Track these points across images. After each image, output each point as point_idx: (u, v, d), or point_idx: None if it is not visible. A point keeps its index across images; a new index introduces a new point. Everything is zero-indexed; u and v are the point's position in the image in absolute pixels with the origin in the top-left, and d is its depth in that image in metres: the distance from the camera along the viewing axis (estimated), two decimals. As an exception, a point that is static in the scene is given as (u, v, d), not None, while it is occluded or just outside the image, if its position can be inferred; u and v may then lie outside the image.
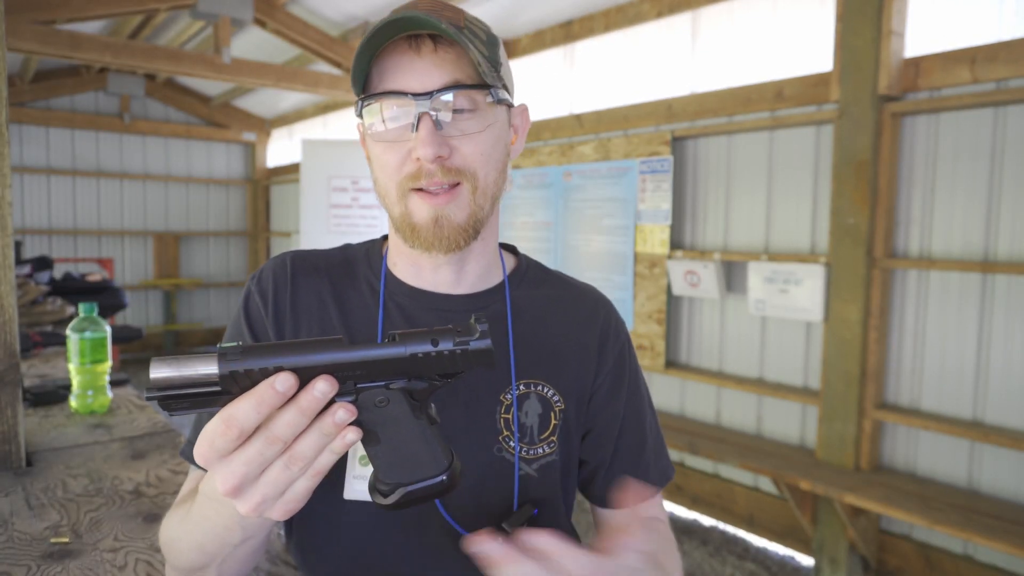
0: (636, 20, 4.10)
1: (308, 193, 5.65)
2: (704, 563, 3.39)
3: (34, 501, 1.12)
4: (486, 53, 0.78)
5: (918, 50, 3.00)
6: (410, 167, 0.78)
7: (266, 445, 0.52)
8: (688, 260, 3.76)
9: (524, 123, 0.89)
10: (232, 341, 0.86)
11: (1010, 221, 2.75)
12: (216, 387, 0.51)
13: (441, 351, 0.55)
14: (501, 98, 0.80)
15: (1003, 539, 2.43)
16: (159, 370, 0.50)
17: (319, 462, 0.54)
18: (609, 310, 0.96)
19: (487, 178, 0.80)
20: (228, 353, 0.50)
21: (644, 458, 0.93)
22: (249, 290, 0.88)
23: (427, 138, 0.75)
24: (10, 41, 4.26)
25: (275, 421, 0.51)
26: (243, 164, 8.93)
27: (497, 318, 0.88)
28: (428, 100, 0.75)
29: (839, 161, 3.08)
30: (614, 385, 0.92)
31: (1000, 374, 2.79)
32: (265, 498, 0.54)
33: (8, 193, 1.20)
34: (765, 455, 3.30)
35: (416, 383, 0.56)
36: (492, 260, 0.91)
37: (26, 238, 7.43)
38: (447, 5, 0.79)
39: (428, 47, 0.76)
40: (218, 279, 8.81)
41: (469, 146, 0.78)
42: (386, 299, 0.88)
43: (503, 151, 0.83)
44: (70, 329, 1.57)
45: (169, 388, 0.50)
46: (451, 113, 0.77)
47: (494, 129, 0.80)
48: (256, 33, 5.94)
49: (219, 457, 0.53)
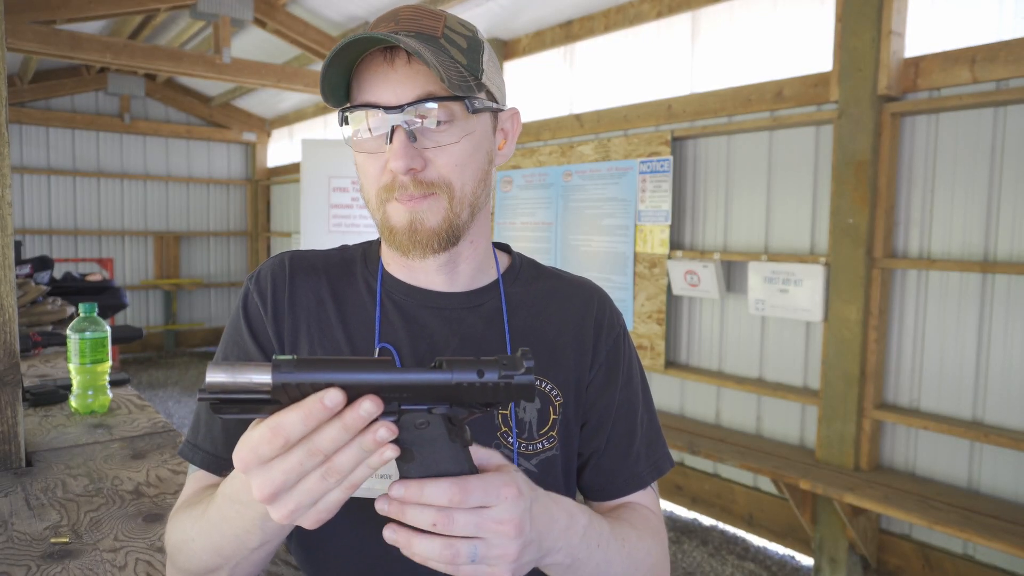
0: (636, 20, 4.11)
1: (308, 193, 5.65)
2: (704, 563, 3.39)
3: (34, 501, 1.12)
4: (464, 61, 0.78)
5: (918, 50, 3.00)
6: (386, 178, 0.79)
7: (307, 456, 0.53)
8: (688, 260, 3.76)
9: (515, 127, 0.89)
10: (231, 340, 0.88)
11: (1010, 221, 2.75)
12: (266, 395, 0.52)
13: (486, 382, 0.57)
14: (479, 107, 0.79)
15: (1003, 539, 2.43)
16: (215, 375, 0.52)
17: (354, 475, 0.55)
18: (603, 301, 0.96)
19: (463, 188, 0.80)
20: (282, 365, 0.52)
21: (634, 449, 0.93)
22: (247, 290, 0.88)
23: (399, 151, 0.75)
24: (10, 41, 4.26)
25: (319, 434, 0.53)
26: (243, 164, 8.93)
27: (493, 314, 0.89)
28: (400, 112, 0.76)
29: (839, 161, 3.08)
30: (608, 376, 0.93)
31: (1000, 374, 2.79)
32: (299, 506, 0.55)
33: (8, 193, 1.20)
34: (765, 455, 3.31)
35: (458, 410, 0.58)
36: (484, 260, 0.91)
37: (26, 238, 7.44)
38: (428, 12, 0.79)
39: (402, 59, 0.76)
40: (218, 279, 8.82)
41: (443, 157, 0.78)
42: (383, 297, 0.88)
43: (483, 159, 0.83)
44: (70, 329, 1.57)
45: (222, 392, 0.52)
46: (427, 124, 0.77)
47: (473, 138, 0.80)
48: (256, 33, 5.94)
49: (259, 463, 0.54)
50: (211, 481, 0.84)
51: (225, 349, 0.88)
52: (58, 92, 7.50)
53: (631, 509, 0.91)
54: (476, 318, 0.88)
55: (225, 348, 0.88)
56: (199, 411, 0.86)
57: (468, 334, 0.87)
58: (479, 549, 0.58)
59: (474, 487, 0.58)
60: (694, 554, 3.48)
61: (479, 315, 0.88)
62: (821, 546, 3.19)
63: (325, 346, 0.85)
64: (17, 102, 7.28)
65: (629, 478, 0.92)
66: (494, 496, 0.59)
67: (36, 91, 7.31)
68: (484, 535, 0.59)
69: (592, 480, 0.93)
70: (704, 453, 3.39)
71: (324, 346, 0.85)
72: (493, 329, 0.88)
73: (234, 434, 0.83)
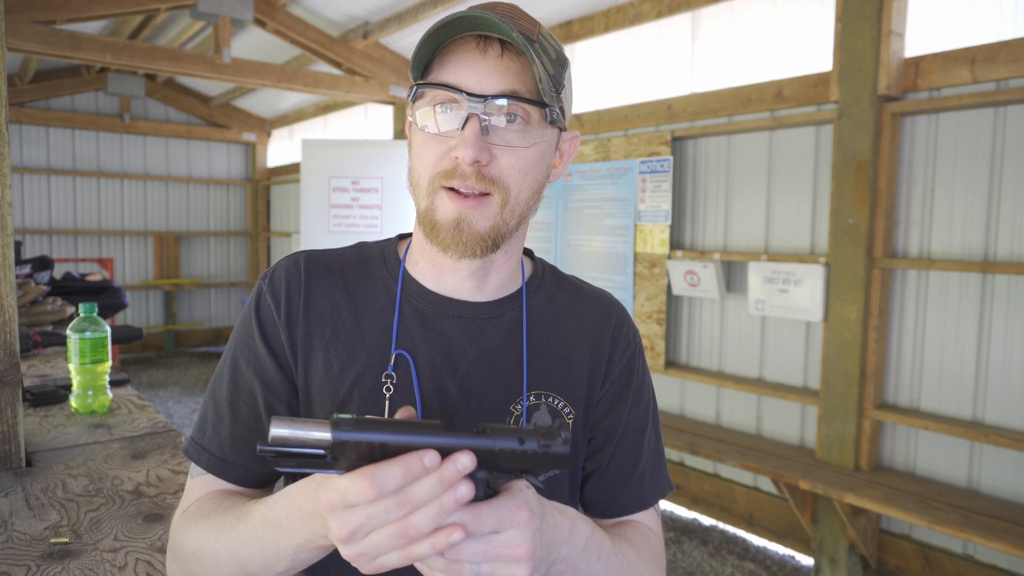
0: (636, 20, 4.10)
1: (308, 193, 5.65)
2: (704, 563, 3.39)
3: (34, 501, 1.12)
4: (551, 71, 0.76)
5: (918, 50, 3.00)
6: (447, 164, 0.76)
7: (395, 506, 0.55)
8: (688, 260, 3.76)
9: (572, 149, 0.87)
10: (242, 342, 0.86)
11: (1010, 221, 2.75)
12: (322, 451, 0.55)
13: (525, 450, 0.59)
14: (554, 118, 0.78)
15: (1003, 539, 2.43)
16: (279, 429, 0.54)
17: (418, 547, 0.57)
18: (622, 316, 0.94)
19: (519, 195, 0.79)
20: (342, 423, 0.55)
21: (639, 469, 0.92)
22: (260, 290, 0.86)
23: (471, 140, 0.73)
24: (10, 41, 4.26)
25: (415, 485, 0.55)
26: (243, 164, 8.93)
27: (513, 326, 0.87)
28: (481, 103, 0.74)
29: (839, 161, 3.08)
30: (619, 393, 0.91)
31: (1000, 374, 2.79)
32: (363, 553, 0.58)
33: (8, 193, 1.20)
34: (765, 455, 3.31)
35: (498, 475, 0.61)
36: (514, 270, 0.90)
37: (26, 238, 7.44)
38: (524, 15, 0.77)
39: (495, 51, 0.75)
40: (218, 279, 8.82)
41: (509, 159, 0.77)
42: (403, 302, 0.86)
43: (543, 171, 0.82)
44: (70, 329, 1.57)
45: (283, 445, 0.54)
46: (502, 120, 0.76)
47: (539, 148, 0.79)
48: (256, 33, 5.94)
49: (345, 508, 0.56)
50: (218, 486, 0.83)
51: (235, 350, 0.86)
52: (58, 92, 7.50)
53: (632, 527, 0.89)
54: (496, 329, 0.87)
55: (235, 349, 0.86)
56: (206, 409, 0.85)
57: (487, 346, 0.85)
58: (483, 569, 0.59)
59: (486, 514, 0.58)
60: (694, 554, 3.48)
61: (499, 326, 0.87)
62: (821, 546, 3.19)
63: (340, 353, 0.84)
64: (17, 102, 7.28)
65: (632, 498, 0.91)
66: (507, 521, 0.59)
67: (36, 91, 7.31)
68: (495, 560, 0.59)
69: (594, 497, 0.92)
70: (704, 453, 3.39)
71: (339, 353, 0.84)
72: (512, 341, 0.86)
73: (242, 439, 0.82)
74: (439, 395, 0.83)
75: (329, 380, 0.83)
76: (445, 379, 0.84)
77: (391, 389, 0.82)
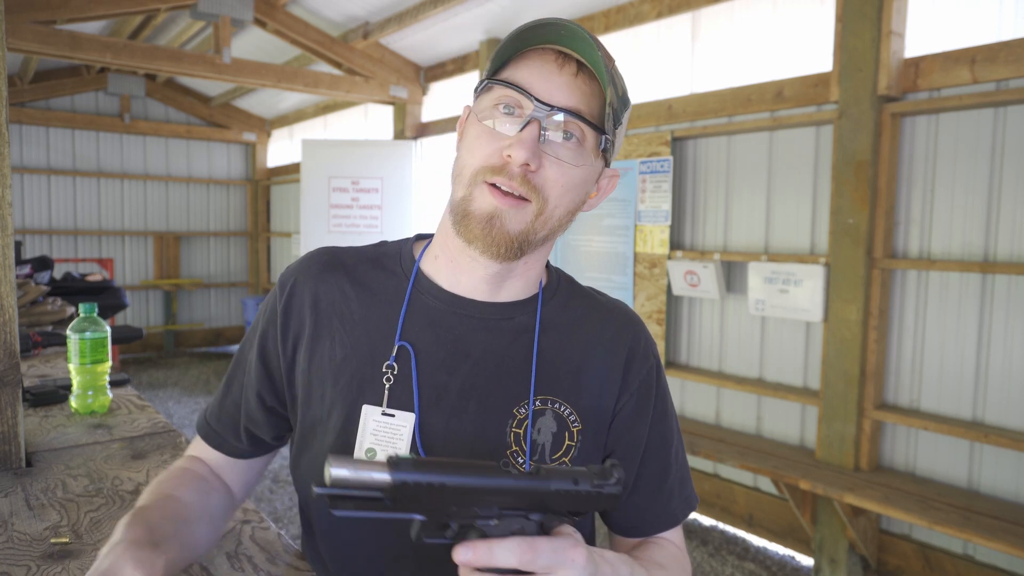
0: (636, 20, 4.10)
1: (308, 193, 5.65)
2: (704, 563, 3.39)
3: (34, 501, 1.12)
4: (615, 105, 0.79)
5: (918, 50, 3.00)
6: (496, 160, 0.78)
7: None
8: (688, 260, 3.76)
9: (609, 187, 0.89)
10: (253, 325, 0.93)
11: (1010, 221, 2.75)
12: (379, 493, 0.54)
13: (579, 490, 0.60)
14: (606, 147, 0.81)
15: (1003, 539, 2.43)
16: (339, 470, 0.53)
17: None
18: (638, 330, 0.94)
19: (555, 209, 0.80)
20: (400, 464, 0.54)
21: (667, 486, 0.91)
22: (279, 281, 0.93)
23: (527, 141, 0.75)
24: (10, 41, 4.26)
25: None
26: (243, 164, 8.93)
27: (521, 331, 0.87)
28: (546, 112, 0.76)
29: (839, 161, 3.08)
30: (639, 408, 0.90)
31: (1000, 374, 2.79)
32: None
33: (8, 193, 1.20)
34: (765, 455, 3.31)
35: (552, 518, 0.61)
36: (532, 280, 0.90)
37: (26, 238, 7.44)
38: (602, 45, 0.80)
39: (571, 69, 0.78)
40: (218, 279, 8.82)
41: (556, 171, 0.78)
42: (413, 298, 0.88)
43: (582, 195, 0.84)
44: (70, 329, 1.57)
45: (341, 487, 0.53)
46: (559, 136, 0.78)
47: (584, 171, 0.81)
48: (256, 33, 5.94)
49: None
50: (201, 447, 0.96)
51: (248, 333, 0.95)
52: (58, 92, 7.49)
53: (660, 547, 0.89)
54: (504, 331, 0.87)
55: (248, 332, 0.95)
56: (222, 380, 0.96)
57: (493, 346, 0.86)
58: None
59: (543, 548, 0.59)
60: (694, 554, 3.48)
61: (508, 328, 0.87)
62: (821, 546, 3.19)
63: (345, 341, 0.86)
64: (17, 102, 7.27)
65: (662, 515, 0.91)
66: (562, 558, 0.59)
67: (36, 91, 7.31)
68: None
69: (621, 517, 0.91)
70: (704, 453, 3.39)
71: (344, 341, 0.86)
72: (520, 344, 0.86)
73: (225, 412, 0.94)
74: (438, 390, 0.84)
75: (332, 366, 0.86)
76: (445, 375, 0.84)
77: (391, 380, 0.84)
